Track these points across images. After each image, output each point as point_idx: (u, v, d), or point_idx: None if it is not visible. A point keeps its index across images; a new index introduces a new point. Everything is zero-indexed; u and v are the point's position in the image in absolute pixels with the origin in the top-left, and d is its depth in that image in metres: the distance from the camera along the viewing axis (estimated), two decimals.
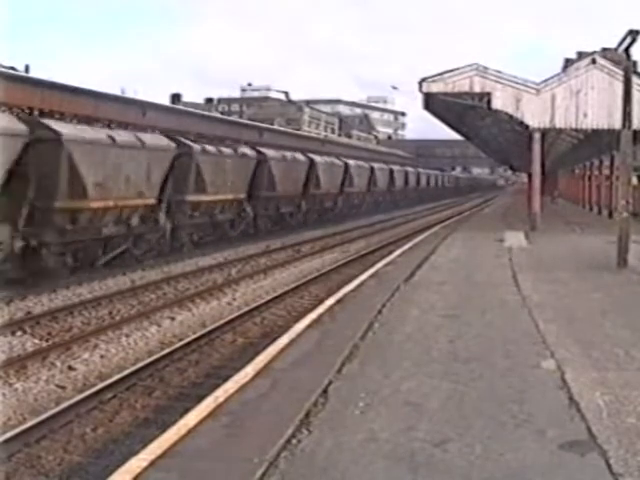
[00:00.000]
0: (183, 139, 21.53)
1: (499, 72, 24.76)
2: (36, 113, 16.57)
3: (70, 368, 9.66)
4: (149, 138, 19.26)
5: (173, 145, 20.36)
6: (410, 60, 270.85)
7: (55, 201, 15.55)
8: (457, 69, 24.32)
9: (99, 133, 17.23)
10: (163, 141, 20.14)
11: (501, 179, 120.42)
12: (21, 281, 14.79)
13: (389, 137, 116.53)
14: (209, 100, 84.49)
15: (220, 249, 22.16)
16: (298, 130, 57.49)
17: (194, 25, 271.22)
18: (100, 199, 16.70)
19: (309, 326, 9.19)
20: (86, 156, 16.08)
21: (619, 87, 17.25)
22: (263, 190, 27.08)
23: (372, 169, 44.51)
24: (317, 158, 33.89)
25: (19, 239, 14.73)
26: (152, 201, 19.18)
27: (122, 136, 17.91)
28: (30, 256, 15.04)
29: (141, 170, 18.32)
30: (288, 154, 30.38)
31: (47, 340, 11.11)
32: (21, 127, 14.83)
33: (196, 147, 21.79)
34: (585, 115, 24.50)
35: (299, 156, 32.02)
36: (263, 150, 27.65)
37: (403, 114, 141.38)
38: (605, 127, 24.13)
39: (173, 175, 20.25)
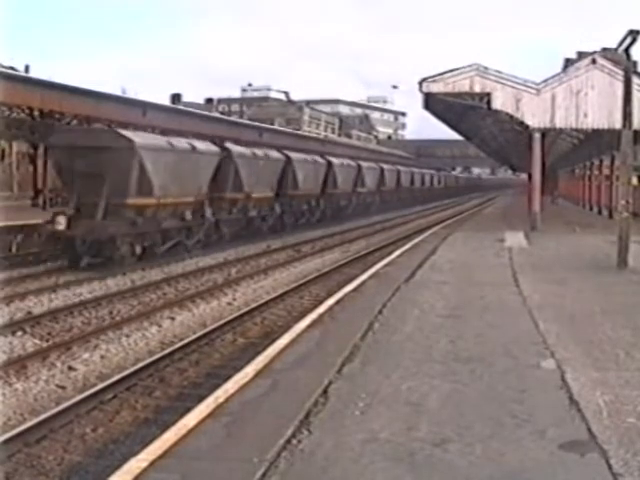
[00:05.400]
0: (224, 143, 24.18)
1: (499, 72, 24.78)
2: (36, 113, 16.61)
3: (70, 368, 9.65)
4: (199, 144, 22.11)
5: (218, 149, 23.32)
6: (410, 60, 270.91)
7: (127, 198, 17.98)
8: (457, 69, 24.34)
9: (161, 140, 20.00)
10: (210, 146, 23.10)
11: None
12: (99, 266, 17.33)
13: (389, 137, 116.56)
14: (209, 100, 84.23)
15: (220, 249, 22.19)
16: (299, 130, 57.72)
17: (195, 25, 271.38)
18: (162, 196, 19.26)
19: (309, 326, 9.18)
20: (152, 160, 18.62)
21: (619, 87, 17.26)
22: (289, 189, 29.76)
23: (382, 170, 47.13)
24: (334, 160, 36.58)
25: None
26: (202, 198, 21.83)
27: (178, 142, 20.82)
28: (106, 245, 17.54)
29: (193, 171, 20.98)
30: (309, 157, 33.27)
31: (47, 340, 11.09)
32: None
33: (235, 150, 24.69)
34: (585, 115, 24.52)
35: (318, 158, 34.67)
36: (288, 153, 30.32)
37: (403, 114, 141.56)
38: (605, 127, 24.15)
39: (216, 175, 22.77)
